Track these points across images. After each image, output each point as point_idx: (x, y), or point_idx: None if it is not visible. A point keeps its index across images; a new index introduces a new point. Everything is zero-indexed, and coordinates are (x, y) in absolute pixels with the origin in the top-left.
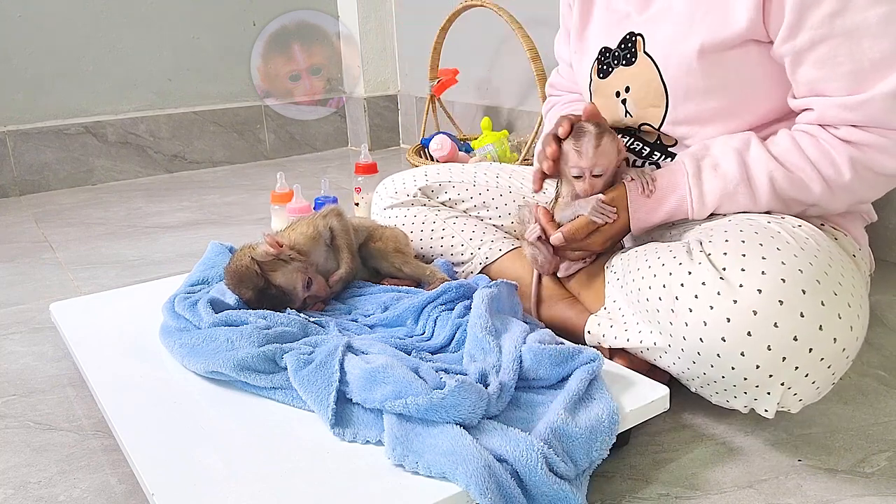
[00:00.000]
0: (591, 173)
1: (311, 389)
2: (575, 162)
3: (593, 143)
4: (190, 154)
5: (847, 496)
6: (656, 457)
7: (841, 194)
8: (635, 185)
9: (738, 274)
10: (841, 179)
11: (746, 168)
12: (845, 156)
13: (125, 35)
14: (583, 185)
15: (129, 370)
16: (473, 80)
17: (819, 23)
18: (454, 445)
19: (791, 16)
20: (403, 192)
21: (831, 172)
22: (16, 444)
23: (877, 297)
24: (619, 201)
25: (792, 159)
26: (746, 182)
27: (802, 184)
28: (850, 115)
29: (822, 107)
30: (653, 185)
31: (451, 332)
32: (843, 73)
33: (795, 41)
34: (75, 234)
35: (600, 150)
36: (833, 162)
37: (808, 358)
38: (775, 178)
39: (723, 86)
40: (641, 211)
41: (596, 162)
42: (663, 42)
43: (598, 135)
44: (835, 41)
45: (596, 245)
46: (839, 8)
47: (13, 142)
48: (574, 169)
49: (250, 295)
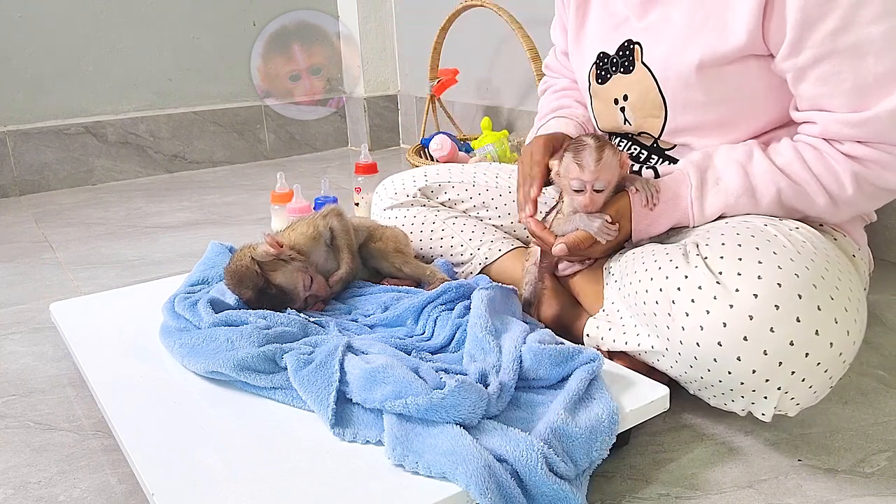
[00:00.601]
0: (593, 188)
1: (311, 389)
2: (577, 174)
3: (595, 157)
4: (190, 154)
5: (847, 496)
6: (656, 457)
7: (844, 207)
8: (639, 197)
9: (735, 278)
10: (844, 194)
11: (750, 179)
12: (849, 171)
13: (125, 35)
14: (584, 199)
15: (129, 370)
16: (473, 80)
17: (822, 40)
18: (454, 445)
19: (793, 33)
20: (403, 192)
21: (835, 188)
22: (16, 444)
23: (876, 296)
24: (623, 211)
25: (796, 171)
26: (750, 193)
27: (807, 196)
28: (853, 132)
29: (825, 121)
30: (656, 199)
31: (451, 332)
32: (846, 90)
33: (798, 58)
34: (75, 234)
35: (602, 164)
36: (837, 177)
37: (805, 363)
38: (781, 190)
39: (722, 99)
40: (643, 223)
41: (598, 175)
42: (661, 56)
43: (598, 148)
44: (838, 58)
45: (597, 253)
46: (842, 25)
47: (13, 142)
48: (575, 182)
49: (250, 295)
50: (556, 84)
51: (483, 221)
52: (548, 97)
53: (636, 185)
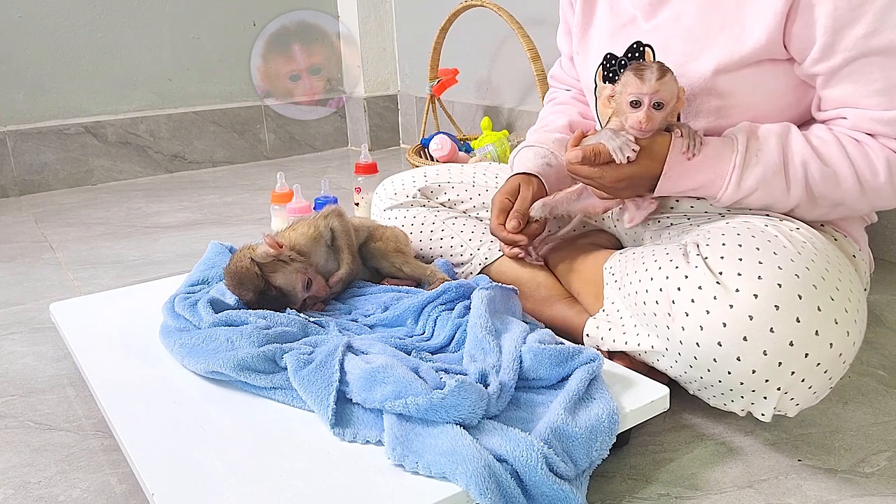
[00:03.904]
0: (651, 103)
1: (311, 389)
2: (636, 88)
3: (657, 74)
4: (190, 154)
5: (847, 496)
6: (656, 457)
7: (871, 195)
8: (681, 142)
9: (735, 278)
10: (876, 181)
11: (785, 155)
12: (883, 158)
13: (125, 35)
14: (640, 115)
15: (129, 370)
16: (473, 80)
17: (853, 44)
18: (454, 445)
19: (824, 38)
20: (403, 193)
21: (867, 173)
22: (16, 444)
23: (876, 296)
24: (659, 149)
25: (830, 152)
26: (783, 171)
27: (835, 179)
28: (884, 129)
29: (855, 117)
30: (698, 149)
31: (451, 332)
32: (876, 90)
33: (830, 62)
34: (75, 234)
35: (664, 81)
36: (870, 162)
37: (805, 363)
38: (810, 170)
39: (736, 103)
40: (675, 170)
41: (659, 90)
42: (675, 61)
43: (661, 68)
44: (869, 60)
45: (606, 178)
46: (873, 29)
47: (13, 142)
48: (633, 96)
49: (250, 296)
50: (557, 97)
51: (483, 222)
52: (546, 110)
53: (682, 130)
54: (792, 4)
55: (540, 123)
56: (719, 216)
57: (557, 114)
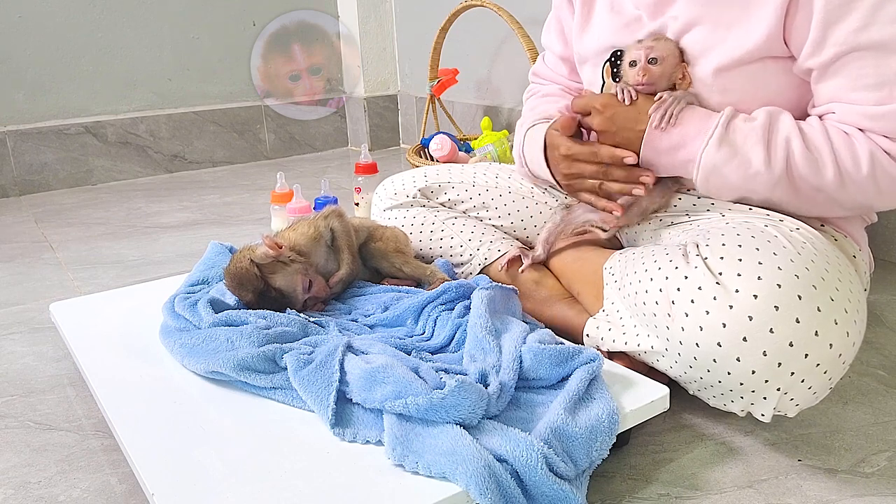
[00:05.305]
0: (647, 58)
1: (311, 389)
2: (634, 48)
3: (655, 36)
4: (190, 154)
5: (847, 496)
6: (656, 457)
7: (852, 188)
8: (658, 114)
9: (735, 279)
10: (857, 173)
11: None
12: (867, 151)
13: (125, 35)
14: (634, 71)
15: (129, 370)
16: (473, 80)
17: (844, 38)
18: (454, 445)
19: (816, 32)
20: (403, 193)
21: (849, 164)
22: (16, 444)
23: (876, 296)
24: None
25: (815, 136)
26: (766, 141)
27: (816, 164)
28: (872, 124)
29: (843, 112)
30: (674, 121)
31: (451, 332)
32: (867, 86)
33: (820, 57)
34: (75, 234)
35: (658, 40)
36: (854, 154)
37: (804, 363)
38: (792, 147)
39: (738, 101)
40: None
41: (653, 45)
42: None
43: (656, 33)
44: (860, 55)
45: (594, 122)
46: (864, 23)
47: (13, 142)
48: (630, 57)
49: (250, 298)
50: (543, 90)
51: (483, 222)
52: (532, 102)
53: (665, 96)
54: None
55: (530, 115)
56: (720, 216)
57: (548, 104)
